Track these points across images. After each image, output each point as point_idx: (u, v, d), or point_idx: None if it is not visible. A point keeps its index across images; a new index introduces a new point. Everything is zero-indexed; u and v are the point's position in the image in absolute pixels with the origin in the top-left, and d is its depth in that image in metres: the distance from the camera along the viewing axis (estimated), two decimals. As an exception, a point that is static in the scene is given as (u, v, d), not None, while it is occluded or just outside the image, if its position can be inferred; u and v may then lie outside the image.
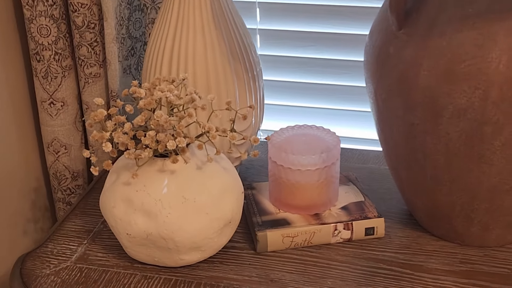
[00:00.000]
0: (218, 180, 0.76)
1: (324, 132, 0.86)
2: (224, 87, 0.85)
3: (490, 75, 0.64)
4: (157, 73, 0.86)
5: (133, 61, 1.08)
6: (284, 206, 0.85)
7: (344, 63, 1.11)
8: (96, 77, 1.04)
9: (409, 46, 0.69)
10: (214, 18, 0.84)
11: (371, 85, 0.76)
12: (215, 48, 0.84)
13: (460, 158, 0.70)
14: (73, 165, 1.10)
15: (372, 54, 0.75)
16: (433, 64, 0.67)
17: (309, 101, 1.15)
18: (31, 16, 0.98)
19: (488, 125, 0.66)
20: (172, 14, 0.84)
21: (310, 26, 1.09)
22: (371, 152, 1.06)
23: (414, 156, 0.74)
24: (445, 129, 0.69)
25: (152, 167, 0.74)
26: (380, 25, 0.75)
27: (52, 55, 1.01)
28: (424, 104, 0.69)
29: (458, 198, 0.75)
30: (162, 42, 0.85)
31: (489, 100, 0.65)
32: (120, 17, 1.00)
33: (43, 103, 1.05)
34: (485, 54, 0.64)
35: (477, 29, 0.64)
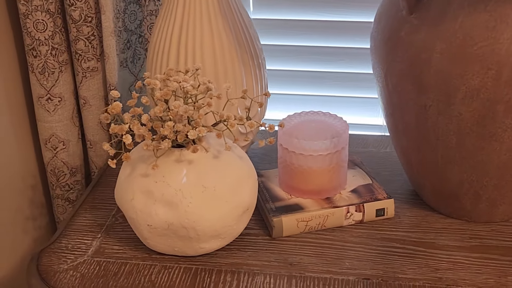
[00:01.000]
0: (235, 168, 0.77)
1: (331, 117, 0.88)
2: (232, 76, 0.86)
3: (503, 56, 0.67)
4: (164, 63, 0.87)
5: (129, 54, 1.08)
6: (296, 192, 0.86)
7: (337, 50, 1.13)
8: (94, 71, 1.03)
9: (421, 30, 0.71)
10: (220, 8, 0.84)
11: (381, 70, 0.78)
12: (222, 37, 0.85)
13: (472, 137, 0.73)
14: (72, 160, 1.09)
15: (381, 39, 0.77)
16: (446, 47, 0.69)
17: (304, 89, 1.17)
18: (27, 11, 0.97)
19: (501, 104, 0.69)
20: (178, 5, 0.84)
21: (302, 15, 1.11)
22: (370, 136, 1.08)
23: (426, 137, 0.76)
24: (458, 110, 0.71)
25: (170, 158, 0.75)
26: (388, 10, 0.77)
27: (49, 50, 1.00)
28: (437, 86, 0.71)
29: (468, 176, 0.77)
30: (168, 33, 0.85)
31: (502, 80, 0.68)
32: (116, 10, 1.00)
33: (40, 99, 1.03)
34: (497, 36, 0.66)
35: (488, 11, 0.67)
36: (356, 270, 0.77)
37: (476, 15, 0.67)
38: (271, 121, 0.97)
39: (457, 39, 0.68)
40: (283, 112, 1.11)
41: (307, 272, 0.77)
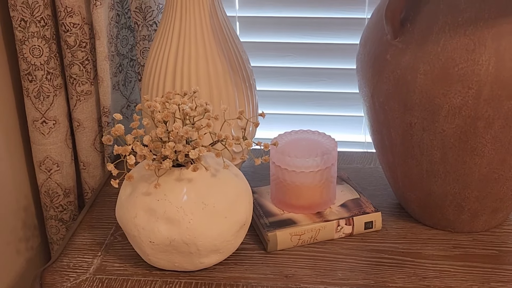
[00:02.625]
0: (232, 186, 0.81)
1: (320, 136, 0.92)
2: (226, 98, 0.90)
3: (482, 76, 0.72)
4: (160, 87, 0.90)
5: (121, 77, 1.11)
6: (289, 207, 0.90)
7: (321, 71, 1.18)
8: (88, 95, 1.07)
9: (405, 53, 0.76)
10: (214, 34, 0.89)
11: (367, 90, 0.83)
12: (216, 62, 0.89)
13: (455, 151, 0.78)
14: (65, 182, 1.12)
15: (368, 61, 0.82)
16: (429, 68, 0.74)
17: (290, 108, 1.21)
18: (24, 37, 1.00)
19: (481, 120, 0.74)
20: (173, 31, 0.88)
21: (289, 38, 1.16)
22: (354, 153, 1.13)
23: (411, 152, 0.81)
24: (441, 126, 0.76)
25: (170, 177, 0.78)
26: (373, 34, 0.82)
27: (44, 74, 1.03)
28: (421, 105, 0.76)
29: (451, 189, 0.82)
30: (164, 57, 0.89)
31: (481, 98, 0.73)
32: (110, 36, 1.04)
33: (35, 122, 1.06)
34: (477, 58, 0.72)
35: (468, 35, 0.72)
36: (348, 280, 0.81)
37: (456, 39, 0.73)
38: (259, 140, 1.01)
39: (439, 61, 0.74)
40: (271, 131, 1.16)
41: (302, 284, 0.81)
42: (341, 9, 1.13)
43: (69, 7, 0.99)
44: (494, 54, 0.72)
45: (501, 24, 0.71)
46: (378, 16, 0.81)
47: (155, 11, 1.02)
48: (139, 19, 1.02)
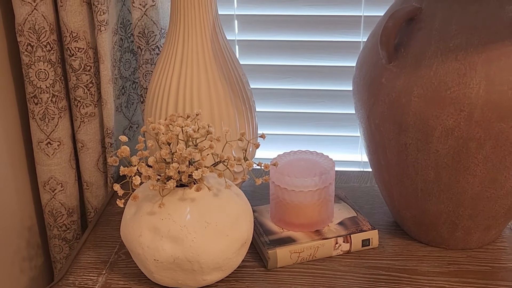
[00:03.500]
0: (234, 205, 0.83)
1: (318, 156, 0.95)
2: (227, 120, 0.93)
3: (473, 99, 0.75)
4: (163, 109, 0.93)
5: (123, 100, 1.14)
6: (288, 225, 0.93)
7: (318, 93, 1.21)
8: (91, 116, 1.09)
9: (400, 77, 0.79)
10: (215, 57, 0.92)
11: (363, 111, 0.86)
12: (217, 85, 0.92)
13: (448, 171, 0.81)
14: (69, 201, 1.14)
15: (363, 85, 0.85)
16: (423, 91, 0.77)
17: (289, 129, 1.24)
18: (30, 61, 1.03)
19: (473, 141, 0.77)
20: (176, 55, 0.92)
21: (288, 60, 1.19)
22: (351, 172, 1.16)
23: (407, 172, 0.84)
24: (435, 147, 0.79)
25: (174, 197, 0.81)
26: (369, 59, 0.85)
27: (49, 97, 1.06)
28: (416, 126, 0.79)
29: (445, 207, 0.85)
30: (167, 81, 0.93)
31: (473, 120, 0.76)
32: (113, 59, 1.07)
33: (40, 143, 1.09)
34: (468, 81, 0.75)
35: (459, 60, 0.76)
36: (347, 296, 0.84)
37: (448, 63, 0.76)
38: (259, 160, 1.04)
39: (432, 84, 0.77)
40: (270, 151, 1.19)
41: (302, 300, 0.83)
42: (337, 33, 1.17)
43: (74, 32, 1.02)
44: (484, 78, 0.75)
45: (491, 50, 0.75)
46: (373, 41, 0.85)
47: (157, 36, 1.05)
48: (142, 44, 1.05)
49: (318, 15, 1.16)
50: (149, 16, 1.03)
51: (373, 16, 1.14)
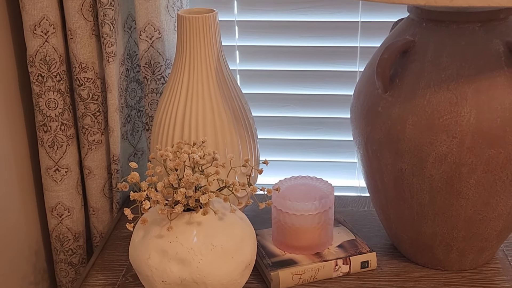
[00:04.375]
0: (238, 228, 0.87)
1: (318, 181, 0.99)
2: (230, 146, 0.98)
3: (464, 126, 0.80)
4: (169, 136, 0.98)
5: (129, 127, 1.19)
6: (289, 248, 0.96)
7: (316, 120, 1.26)
8: (98, 144, 1.13)
9: (395, 105, 0.84)
10: (219, 87, 0.97)
11: (361, 138, 0.91)
12: (221, 114, 0.97)
13: (442, 195, 0.85)
14: (75, 226, 1.18)
15: (361, 113, 0.90)
16: (417, 119, 0.82)
17: (288, 155, 1.29)
18: (40, 91, 1.08)
19: (465, 166, 0.82)
20: (182, 86, 0.96)
21: (287, 89, 1.24)
22: (348, 197, 1.20)
23: (402, 196, 0.88)
24: (429, 172, 0.84)
25: (181, 220, 0.85)
26: (366, 88, 0.90)
27: (58, 125, 1.10)
28: (411, 152, 0.84)
29: (440, 229, 0.89)
30: (174, 110, 0.97)
31: (465, 146, 0.80)
32: (120, 89, 1.11)
33: (48, 170, 1.13)
34: (459, 110, 0.80)
35: (450, 90, 0.80)
36: (347, 316, 0.87)
37: (440, 93, 0.81)
38: (260, 185, 1.08)
39: (426, 113, 0.82)
40: (270, 177, 1.23)
41: (304, 320, 0.86)
42: (334, 62, 1.22)
43: (83, 63, 1.07)
44: (475, 107, 0.80)
45: (480, 81, 0.80)
46: (370, 72, 0.90)
47: (163, 67, 1.10)
48: (148, 74, 1.10)
49: (316, 46, 1.21)
50: (155, 48, 1.08)
51: (368, 47, 1.19)
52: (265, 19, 1.20)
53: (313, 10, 1.19)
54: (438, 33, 0.83)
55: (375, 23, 1.18)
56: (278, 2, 1.19)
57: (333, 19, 1.19)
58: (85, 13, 1.04)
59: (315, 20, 1.20)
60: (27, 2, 1.02)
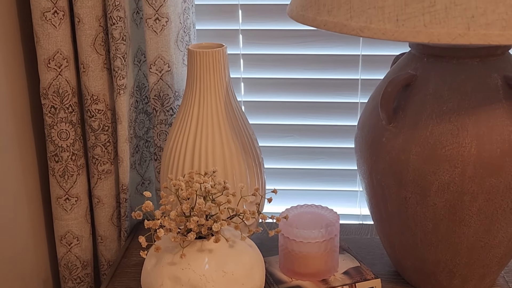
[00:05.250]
0: (248, 255, 0.90)
1: (323, 209, 1.02)
2: (239, 176, 1.01)
3: (466, 157, 0.83)
4: (180, 167, 1.01)
5: (137, 157, 1.22)
6: (297, 275, 0.99)
7: (319, 150, 1.30)
8: (108, 173, 1.16)
9: (399, 136, 0.88)
10: (228, 119, 1.00)
11: (366, 168, 0.94)
12: (230, 145, 1.00)
13: (445, 222, 0.88)
14: (84, 255, 1.20)
15: (365, 143, 0.93)
16: (421, 149, 0.86)
17: (292, 184, 1.32)
18: (52, 122, 1.11)
19: (467, 195, 0.85)
20: (192, 117, 1.00)
21: (292, 120, 1.28)
22: (352, 225, 1.23)
23: (407, 224, 0.92)
24: (433, 200, 0.87)
25: (193, 248, 0.87)
26: (370, 119, 0.94)
27: (69, 155, 1.13)
28: (414, 182, 0.87)
29: (443, 256, 0.92)
30: (184, 141, 1.00)
31: (466, 176, 0.84)
32: (129, 120, 1.15)
33: (59, 199, 1.15)
34: (460, 141, 0.84)
35: (452, 122, 0.84)
36: None
37: (442, 124, 0.85)
38: (264, 213, 1.11)
39: (428, 143, 0.85)
40: (274, 205, 1.26)
41: None
42: (337, 94, 1.26)
43: (95, 95, 1.10)
44: (475, 137, 0.83)
45: (480, 113, 0.84)
46: (374, 104, 0.94)
47: (171, 98, 1.14)
48: (157, 106, 1.13)
49: (319, 78, 1.25)
50: (165, 81, 1.11)
51: (369, 79, 1.24)
52: (269, 52, 1.25)
53: (315, 43, 1.24)
54: (439, 67, 0.87)
55: (375, 56, 1.23)
56: (281, 36, 1.24)
57: (335, 52, 1.24)
58: (98, 47, 1.08)
59: (317, 54, 1.24)
60: (42, 37, 1.06)
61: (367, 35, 0.75)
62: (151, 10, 1.06)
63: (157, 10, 1.06)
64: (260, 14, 1.23)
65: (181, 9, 1.11)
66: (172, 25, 1.09)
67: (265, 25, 1.23)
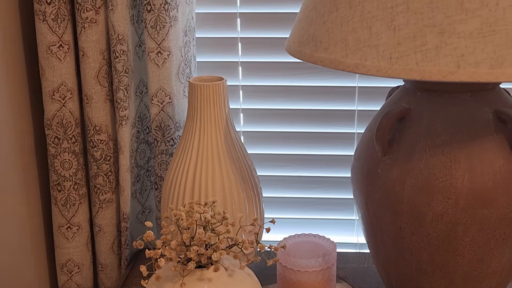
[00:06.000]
0: (247, 284, 0.91)
1: (321, 238, 1.04)
2: (238, 206, 1.03)
3: (458, 188, 0.86)
4: (180, 197, 1.03)
5: (138, 186, 1.24)
6: (294, 303, 1.01)
7: (316, 179, 1.32)
8: (109, 202, 1.18)
9: (394, 168, 0.90)
10: (227, 150, 1.03)
11: (362, 198, 0.97)
12: (230, 175, 1.02)
13: (440, 252, 0.90)
14: (84, 282, 1.21)
15: (361, 174, 0.96)
16: (415, 181, 0.88)
17: (290, 213, 1.34)
18: (56, 152, 1.13)
19: (460, 225, 0.87)
20: (193, 149, 1.02)
21: (289, 150, 1.31)
22: (349, 253, 1.25)
23: (402, 253, 0.94)
24: (427, 230, 0.89)
25: (193, 277, 0.89)
26: (366, 151, 0.96)
27: (72, 185, 1.15)
28: (409, 212, 0.89)
29: (438, 285, 0.94)
30: (184, 171, 1.03)
31: (459, 207, 0.86)
32: (131, 150, 1.17)
33: (61, 228, 1.17)
34: (453, 173, 0.86)
35: (445, 154, 0.87)
36: None
37: (436, 157, 0.87)
38: (262, 242, 1.13)
39: (422, 175, 0.88)
40: (272, 234, 1.27)
41: None
42: (334, 125, 1.29)
43: (97, 126, 1.13)
44: (468, 170, 0.86)
45: (472, 146, 0.86)
46: (369, 136, 0.96)
47: (172, 129, 1.16)
48: (159, 136, 1.16)
49: (316, 109, 1.28)
50: (166, 112, 1.14)
51: (365, 110, 1.27)
52: (268, 84, 1.28)
53: (313, 75, 1.27)
54: (432, 101, 0.90)
55: (371, 88, 1.26)
56: (280, 68, 1.27)
57: (332, 84, 1.27)
58: (101, 79, 1.11)
59: (315, 85, 1.27)
60: (47, 70, 1.09)
61: (362, 72, 0.78)
62: (154, 44, 1.09)
63: (159, 44, 1.09)
64: (259, 46, 1.26)
65: (182, 42, 1.15)
66: (174, 58, 1.12)
67: (264, 58, 1.27)
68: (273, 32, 1.25)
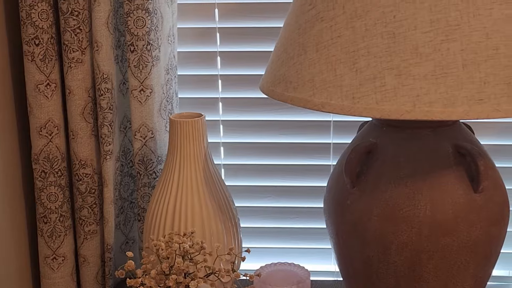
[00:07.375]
0: (224, 311, 0.96)
1: (295, 267, 1.09)
2: (216, 236, 1.08)
3: (421, 217, 0.92)
4: (161, 228, 1.08)
5: (122, 218, 1.28)
6: (270, 330, 1.05)
7: (294, 210, 1.37)
8: (94, 234, 1.23)
9: (361, 199, 0.96)
10: (206, 183, 1.08)
11: (333, 228, 1.02)
12: (208, 207, 1.08)
13: (406, 278, 0.95)
14: (69, 312, 1.25)
15: (332, 205, 1.02)
16: (381, 211, 0.94)
17: (268, 243, 1.39)
18: (42, 186, 1.18)
19: (424, 253, 0.93)
20: (173, 182, 1.08)
21: (268, 181, 1.36)
22: (325, 281, 1.30)
23: (371, 280, 0.99)
24: (393, 258, 0.94)
25: (172, 305, 0.94)
26: (336, 183, 1.02)
27: (57, 217, 1.20)
28: (376, 241, 0.95)
29: (406, 310, 0.99)
30: (165, 202, 1.08)
31: (423, 235, 0.92)
32: (115, 183, 1.22)
33: (46, 258, 1.21)
34: (416, 203, 0.92)
35: (408, 186, 0.93)
36: None
37: (400, 188, 0.93)
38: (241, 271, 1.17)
39: (388, 206, 0.93)
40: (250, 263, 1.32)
41: None
42: (310, 157, 1.34)
43: (83, 160, 1.18)
44: (429, 201, 0.92)
45: (433, 178, 0.92)
46: (340, 169, 1.02)
47: (154, 163, 1.22)
48: (141, 169, 1.21)
49: (293, 142, 1.34)
50: (148, 146, 1.20)
51: (340, 143, 1.33)
52: (247, 119, 1.34)
53: (290, 110, 1.33)
54: (396, 137, 0.96)
55: (345, 122, 1.32)
56: (258, 103, 1.33)
57: (308, 118, 1.33)
58: (86, 116, 1.16)
59: (292, 120, 1.33)
60: (35, 107, 1.14)
61: (327, 110, 0.84)
62: (137, 82, 1.15)
63: (142, 82, 1.15)
64: (238, 83, 1.32)
65: (164, 80, 1.21)
66: (156, 96, 1.18)
67: (243, 94, 1.33)
68: (251, 70, 1.31)
